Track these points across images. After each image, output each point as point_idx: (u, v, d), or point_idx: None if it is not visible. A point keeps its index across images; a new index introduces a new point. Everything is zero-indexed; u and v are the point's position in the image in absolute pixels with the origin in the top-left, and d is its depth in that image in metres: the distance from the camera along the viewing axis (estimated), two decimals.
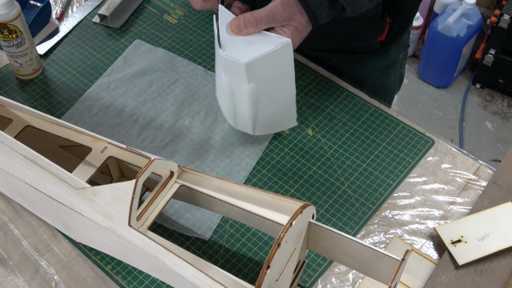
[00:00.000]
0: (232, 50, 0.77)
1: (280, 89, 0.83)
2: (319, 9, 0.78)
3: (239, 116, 0.86)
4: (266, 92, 0.82)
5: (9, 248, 0.79)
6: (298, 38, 0.79)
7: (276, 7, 0.76)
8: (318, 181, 0.87)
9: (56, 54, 1.05)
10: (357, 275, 0.77)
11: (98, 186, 0.69)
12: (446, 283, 0.75)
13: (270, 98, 0.83)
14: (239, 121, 0.87)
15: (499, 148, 2.22)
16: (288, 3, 0.77)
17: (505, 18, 2.12)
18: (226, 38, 0.78)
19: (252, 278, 0.76)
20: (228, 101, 0.85)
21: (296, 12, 0.77)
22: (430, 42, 2.30)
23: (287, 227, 0.61)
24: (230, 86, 0.81)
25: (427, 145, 0.91)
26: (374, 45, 1.03)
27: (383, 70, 1.09)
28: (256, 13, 0.76)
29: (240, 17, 0.76)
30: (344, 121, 0.94)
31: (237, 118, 0.87)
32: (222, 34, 0.78)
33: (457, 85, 2.44)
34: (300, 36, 0.79)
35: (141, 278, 0.76)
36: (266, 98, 0.82)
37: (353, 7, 0.80)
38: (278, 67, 0.79)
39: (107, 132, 0.92)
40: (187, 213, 0.83)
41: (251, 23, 0.76)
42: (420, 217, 0.83)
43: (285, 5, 0.77)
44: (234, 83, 0.80)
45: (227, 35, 0.78)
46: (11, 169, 0.75)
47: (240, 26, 0.76)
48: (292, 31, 0.78)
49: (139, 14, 1.13)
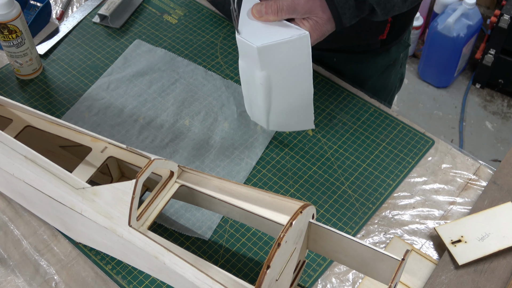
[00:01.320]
0: (249, 33, 0.76)
1: (295, 85, 0.82)
2: (344, 8, 0.76)
3: (254, 106, 0.86)
4: (280, 83, 0.81)
5: (9, 248, 0.79)
6: (317, 33, 0.78)
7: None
8: (318, 181, 0.87)
9: (56, 54, 1.05)
10: (357, 275, 0.77)
11: (98, 186, 0.69)
12: (446, 283, 0.75)
13: (285, 91, 0.82)
14: (255, 112, 0.87)
15: (499, 148, 2.22)
16: None
17: (505, 18, 2.12)
18: (245, 22, 0.77)
19: (252, 278, 0.76)
20: (245, 88, 0.85)
21: (318, 7, 0.76)
22: (430, 42, 2.30)
23: (287, 227, 0.61)
24: (245, 72, 0.81)
25: (427, 145, 0.91)
26: (375, 44, 1.03)
27: (384, 70, 1.09)
28: (279, 1, 0.75)
29: (263, 3, 0.75)
30: (344, 121, 0.94)
31: (253, 108, 0.87)
32: (242, 17, 0.77)
33: (457, 85, 2.44)
34: (319, 32, 0.78)
35: (141, 278, 0.76)
36: (280, 90, 0.81)
37: (384, 6, 0.78)
38: (294, 59, 0.78)
39: (107, 132, 0.92)
40: (187, 213, 0.83)
41: (273, 10, 0.75)
42: (420, 217, 0.83)
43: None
44: (248, 69, 0.80)
45: (247, 18, 0.77)
46: (11, 169, 0.75)
47: (261, 12, 0.76)
48: (312, 25, 0.76)
49: (139, 14, 1.13)
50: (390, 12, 0.80)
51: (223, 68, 1.02)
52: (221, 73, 1.01)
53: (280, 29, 0.76)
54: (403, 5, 0.81)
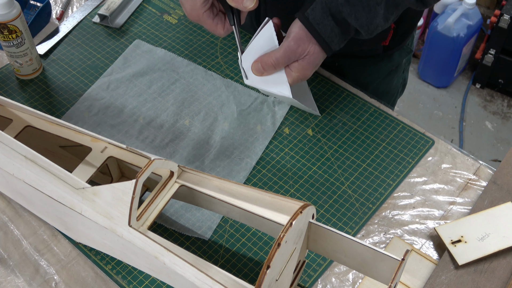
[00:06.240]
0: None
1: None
2: (331, 37, 0.82)
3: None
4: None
5: (9, 248, 0.79)
6: (311, 67, 0.84)
7: (289, 46, 0.82)
8: (318, 181, 0.87)
9: (56, 54, 1.05)
10: (357, 275, 0.77)
11: (98, 186, 0.69)
12: (446, 283, 0.75)
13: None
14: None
15: (499, 148, 2.22)
16: (300, 38, 0.82)
17: (505, 18, 2.12)
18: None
19: (252, 278, 0.76)
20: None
21: (309, 44, 0.82)
22: (430, 42, 2.30)
23: (287, 227, 0.61)
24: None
25: (427, 145, 0.91)
26: (377, 49, 1.03)
27: (386, 75, 1.09)
28: (273, 56, 0.82)
29: (259, 62, 0.84)
30: (344, 121, 0.94)
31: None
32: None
33: (457, 85, 2.45)
34: (313, 65, 0.84)
35: (141, 278, 0.76)
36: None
37: (367, 28, 0.82)
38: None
39: (107, 132, 0.92)
40: (187, 213, 0.83)
41: (269, 66, 0.83)
42: (420, 217, 0.83)
43: (298, 41, 0.82)
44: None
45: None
46: (11, 169, 0.75)
47: (260, 70, 0.84)
48: (304, 65, 0.83)
49: (139, 14, 1.13)
50: (374, 32, 0.84)
51: (223, 68, 1.02)
52: (221, 73, 1.01)
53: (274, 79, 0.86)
54: (386, 23, 0.84)
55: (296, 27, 0.82)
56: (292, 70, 0.84)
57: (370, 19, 0.80)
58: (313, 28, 0.81)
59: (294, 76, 0.84)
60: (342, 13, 0.80)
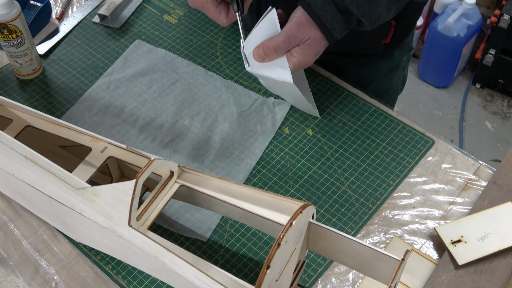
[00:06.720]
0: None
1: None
2: (332, 24, 0.81)
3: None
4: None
5: (9, 248, 0.79)
6: (312, 52, 0.83)
7: (290, 30, 0.81)
8: (318, 181, 0.87)
9: (56, 54, 1.05)
10: (357, 275, 0.77)
11: (98, 186, 0.69)
12: (446, 283, 0.75)
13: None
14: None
15: (499, 148, 2.22)
16: (302, 22, 0.81)
17: (505, 18, 2.12)
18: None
19: (252, 278, 0.76)
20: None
21: (309, 30, 0.81)
22: (430, 42, 2.30)
23: (287, 227, 0.61)
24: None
25: (427, 145, 0.91)
26: (378, 47, 1.03)
27: (387, 73, 1.09)
28: (274, 40, 0.81)
29: (261, 47, 0.82)
30: (344, 121, 0.94)
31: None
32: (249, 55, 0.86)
33: (457, 85, 2.45)
34: (314, 51, 0.83)
35: (141, 278, 0.76)
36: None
37: (369, 17, 0.82)
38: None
39: (107, 132, 0.92)
40: (187, 213, 0.83)
41: (270, 50, 0.82)
42: (420, 217, 0.83)
43: (299, 26, 0.81)
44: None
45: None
46: (11, 169, 0.75)
47: (261, 55, 0.83)
48: (305, 49, 0.82)
49: (139, 14, 1.13)
50: (376, 23, 0.83)
51: (223, 68, 1.02)
52: (221, 73, 1.01)
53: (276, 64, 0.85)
54: (388, 14, 0.84)
55: (298, 12, 0.82)
56: (293, 55, 0.83)
57: (372, 8, 0.80)
58: (315, 14, 0.80)
59: (295, 61, 0.83)
60: (344, 1, 0.80)
